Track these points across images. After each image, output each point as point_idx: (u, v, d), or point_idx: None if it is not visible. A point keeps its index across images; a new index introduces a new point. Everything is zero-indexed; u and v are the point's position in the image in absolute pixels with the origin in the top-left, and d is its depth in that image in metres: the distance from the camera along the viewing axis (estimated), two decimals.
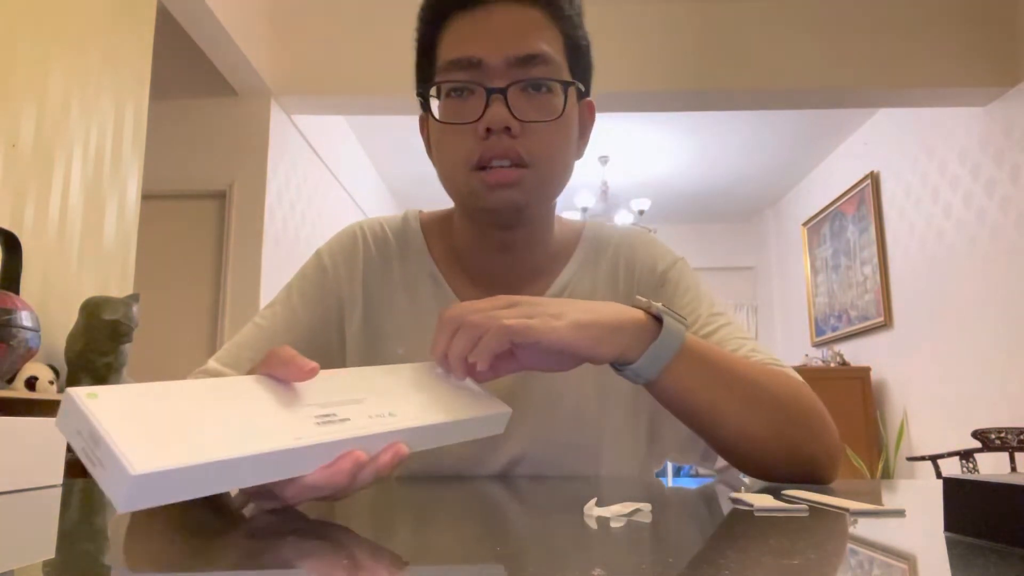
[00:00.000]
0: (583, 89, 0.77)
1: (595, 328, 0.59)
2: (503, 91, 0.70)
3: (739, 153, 5.82)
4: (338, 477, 0.44)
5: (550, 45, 0.72)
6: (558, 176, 0.75)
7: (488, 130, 0.69)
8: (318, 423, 0.45)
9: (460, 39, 0.72)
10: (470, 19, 0.73)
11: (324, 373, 0.51)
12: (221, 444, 0.39)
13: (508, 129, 0.69)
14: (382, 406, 0.50)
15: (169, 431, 0.39)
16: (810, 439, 0.66)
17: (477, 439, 0.58)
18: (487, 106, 0.70)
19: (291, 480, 0.44)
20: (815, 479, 0.66)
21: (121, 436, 0.36)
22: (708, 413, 0.64)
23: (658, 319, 0.62)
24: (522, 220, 0.76)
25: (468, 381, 0.60)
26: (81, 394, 0.38)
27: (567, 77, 0.74)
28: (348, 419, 0.47)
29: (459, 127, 0.71)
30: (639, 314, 0.62)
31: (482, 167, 0.71)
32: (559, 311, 0.59)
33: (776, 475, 0.66)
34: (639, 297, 0.65)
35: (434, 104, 0.75)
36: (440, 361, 0.58)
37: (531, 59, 0.71)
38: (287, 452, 0.42)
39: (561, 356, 0.60)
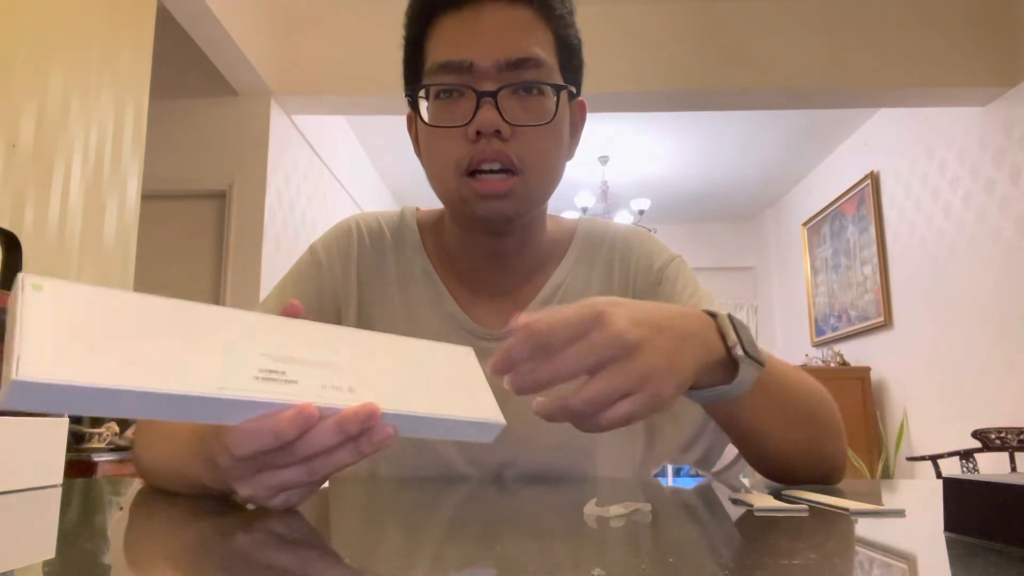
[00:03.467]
0: (575, 91, 0.76)
1: (693, 375, 0.53)
2: (494, 94, 0.69)
3: (739, 153, 5.82)
4: (283, 424, 0.40)
5: (541, 46, 0.72)
6: (548, 181, 0.75)
7: (478, 133, 0.69)
8: (257, 378, 0.41)
9: (450, 41, 0.71)
10: (459, 19, 0.71)
11: (311, 324, 0.47)
12: (127, 371, 0.37)
13: (499, 132, 0.69)
14: (345, 377, 0.44)
15: (84, 343, 0.37)
16: (833, 445, 0.66)
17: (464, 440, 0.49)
18: (477, 109, 0.69)
19: (231, 428, 0.41)
20: (830, 481, 0.66)
21: (33, 336, 0.35)
22: (761, 434, 0.64)
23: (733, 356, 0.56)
24: (512, 227, 0.75)
25: (482, 377, 0.52)
26: (28, 281, 0.37)
27: (559, 78, 0.73)
28: (295, 382, 0.42)
29: (448, 130, 0.71)
30: (720, 351, 0.55)
31: (472, 172, 0.70)
32: (668, 363, 0.50)
33: (799, 479, 0.65)
34: (725, 319, 0.57)
35: (423, 105, 0.74)
36: (506, 370, 0.49)
37: (522, 62, 0.70)
38: (196, 399, 0.38)
39: None
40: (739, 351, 0.56)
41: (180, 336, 0.41)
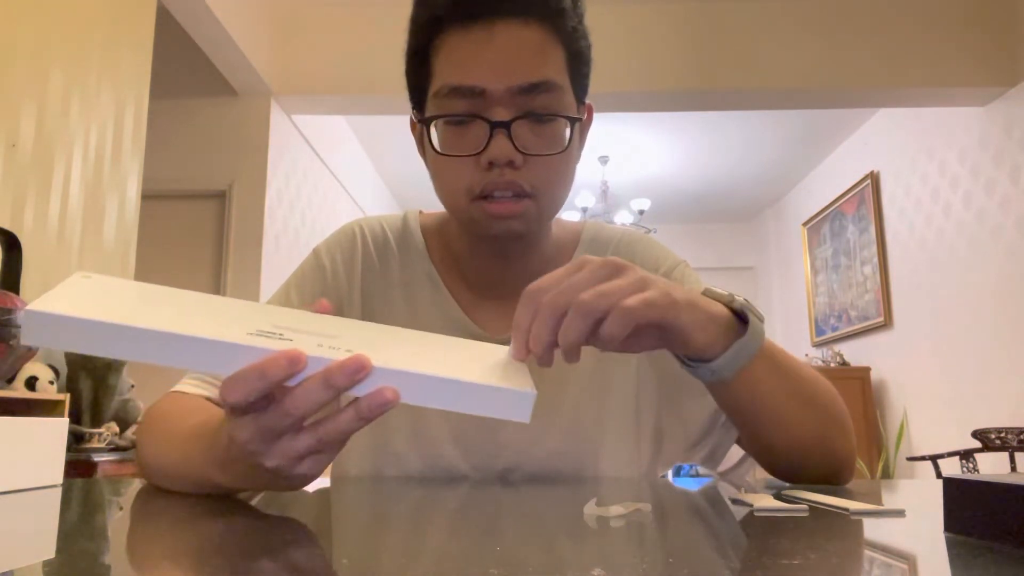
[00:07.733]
0: (582, 115, 0.75)
1: (700, 312, 0.55)
2: (507, 125, 0.68)
3: (739, 153, 5.81)
4: (266, 364, 0.40)
5: (554, 67, 0.70)
6: (559, 201, 0.74)
7: (491, 163, 0.68)
8: (251, 333, 0.42)
9: (460, 63, 0.69)
10: (469, 39, 0.69)
11: (335, 318, 0.48)
12: (130, 316, 0.41)
13: (511, 163, 0.68)
14: (345, 343, 0.43)
15: (99, 298, 0.42)
16: (843, 440, 0.67)
17: (474, 439, 0.53)
18: (490, 138, 0.68)
19: (223, 385, 0.42)
20: (838, 479, 0.67)
21: (58, 291, 0.42)
22: (771, 417, 0.63)
23: (741, 317, 0.58)
24: (522, 242, 0.76)
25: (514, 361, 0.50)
26: (79, 273, 0.44)
27: (571, 99, 0.72)
28: (290, 340, 0.42)
29: (460, 157, 0.70)
30: (722, 310, 0.58)
31: (484, 196, 0.70)
32: (667, 286, 0.54)
33: (806, 474, 0.66)
34: (713, 288, 0.60)
35: (432, 128, 0.73)
36: (522, 344, 0.50)
37: (535, 87, 0.68)
38: (190, 340, 0.40)
39: (653, 335, 0.55)
40: (740, 299, 0.58)
41: (194, 308, 0.45)
